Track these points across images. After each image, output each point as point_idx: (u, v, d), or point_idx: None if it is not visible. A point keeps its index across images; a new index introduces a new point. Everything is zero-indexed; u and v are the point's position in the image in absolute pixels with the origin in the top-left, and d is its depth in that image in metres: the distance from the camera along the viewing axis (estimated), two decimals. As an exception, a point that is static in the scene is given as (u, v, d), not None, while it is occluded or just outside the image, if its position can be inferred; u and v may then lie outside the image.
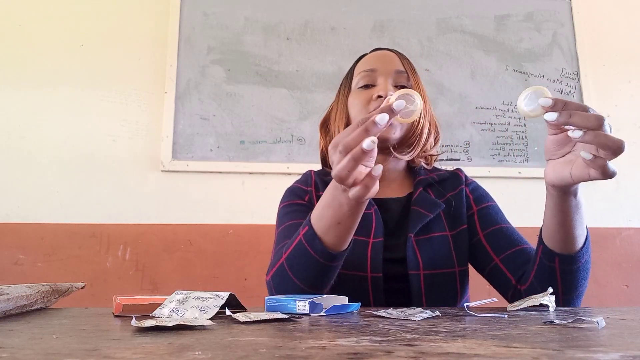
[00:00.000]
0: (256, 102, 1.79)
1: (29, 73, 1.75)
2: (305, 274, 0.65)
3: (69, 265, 1.60)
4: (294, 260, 0.66)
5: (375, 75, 0.86)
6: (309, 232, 0.63)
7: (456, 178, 0.92)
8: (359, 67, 0.91)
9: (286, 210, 0.87)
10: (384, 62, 0.88)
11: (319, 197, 0.87)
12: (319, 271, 0.64)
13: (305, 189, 0.90)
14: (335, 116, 0.92)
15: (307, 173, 0.95)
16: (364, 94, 0.86)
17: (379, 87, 0.84)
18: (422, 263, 0.79)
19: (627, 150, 0.50)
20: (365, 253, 0.78)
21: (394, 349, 0.28)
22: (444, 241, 0.82)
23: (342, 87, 0.93)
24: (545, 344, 0.30)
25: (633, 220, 1.89)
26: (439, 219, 0.84)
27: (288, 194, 0.91)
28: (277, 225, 0.86)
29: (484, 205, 0.89)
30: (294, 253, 0.66)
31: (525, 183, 1.86)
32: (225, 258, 1.65)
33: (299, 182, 0.93)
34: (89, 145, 1.71)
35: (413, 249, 0.80)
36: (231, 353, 0.27)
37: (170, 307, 0.47)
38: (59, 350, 0.29)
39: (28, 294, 0.53)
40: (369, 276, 0.77)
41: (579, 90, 1.97)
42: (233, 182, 1.73)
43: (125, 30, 1.81)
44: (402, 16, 1.94)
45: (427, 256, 0.80)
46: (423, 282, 0.78)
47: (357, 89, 0.88)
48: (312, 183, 0.91)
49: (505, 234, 0.84)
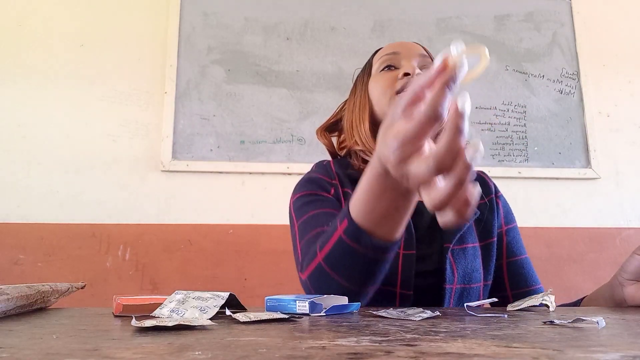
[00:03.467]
0: (256, 102, 1.79)
1: (29, 73, 1.75)
2: (353, 273, 0.57)
3: (69, 265, 1.60)
4: (336, 260, 0.58)
5: (398, 57, 0.81)
6: (350, 228, 0.54)
7: (485, 184, 0.86)
8: (378, 54, 0.85)
9: (307, 200, 0.78)
10: (407, 46, 0.83)
11: (345, 193, 0.80)
12: (370, 268, 0.56)
13: (329, 181, 0.81)
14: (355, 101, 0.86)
15: (325, 163, 0.86)
16: (387, 75, 0.80)
17: (405, 67, 0.79)
18: (457, 277, 0.74)
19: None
20: (396, 266, 0.70)
21: (394, 349, 0.28)
22: (475, 253, 0.78)
23: (360, 76, 0.88)
24: (545, 344, 0.30)
25: (633, 220, 1.89)
26: (471, 228, 0.79)
27: (307, 184, 0.82)
28: (297, 215, 0.77)
29: (512, 226, 0.86)
30: (335, 253, 0.57)
31: (525, 183, 1.86)
32: (225, 258, 1.65)
33: (318, 172, 0.84)
34: (89, 145, 1.71)
35: (449, 261, 0.74)
36: (231, 353, 0.27)
37: (170, 307, 0.47)
38: (59, 350, 0.29)
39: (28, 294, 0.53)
40: (398, 292, 0.71)
41: (579, 90, 1.97)
42: (233, 182, 1.73)
43: (125, 30, 1.82)
44: (402, 16, 1.94)
45: (462, 269, 0.75)
46: (453, 295, 0.74)
47: (379, 72, 0.82)
48: (335, 175, 0.83)
49: (525, 268, 0.83)
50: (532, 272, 0.83)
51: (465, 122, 0.37)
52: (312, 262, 0.61)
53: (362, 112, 0.83)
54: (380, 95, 0.81)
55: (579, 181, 1.90)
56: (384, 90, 0.80)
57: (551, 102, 1.95)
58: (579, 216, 1.87)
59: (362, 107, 0.83)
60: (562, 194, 1.88)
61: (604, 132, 1.94)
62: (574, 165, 1.90)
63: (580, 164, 1.91)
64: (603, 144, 1.93)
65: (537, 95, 1.95)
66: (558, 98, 1.95)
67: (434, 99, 0.37)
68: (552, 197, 1.87)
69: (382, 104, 0.81)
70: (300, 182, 0.83)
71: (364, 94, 0.84)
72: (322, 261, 0.59)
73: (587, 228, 1.83)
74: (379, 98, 0.81)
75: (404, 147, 0.39)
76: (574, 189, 1.89)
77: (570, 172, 1.89)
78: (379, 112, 0.82)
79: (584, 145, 1.92)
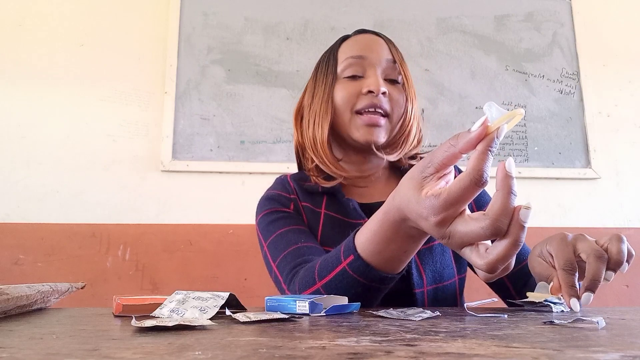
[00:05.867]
0: (256, 102, 1.79)
1: (29, 73, 1.74)
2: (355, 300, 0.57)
3: (69, 265, 1.60)
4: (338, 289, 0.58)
5: (364, 64, 0.80)
6: (357, 264, 0.55)
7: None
8: (344, 51, 0.83)
9: (270, 219, 0.79)
10: (373, 49, 0.81)
11: (304, 207, 0.81)
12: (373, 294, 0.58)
13: (287, 197, 0.83)
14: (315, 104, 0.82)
15: (283, 179, 0.87)
16: (352, 86, 0.79)
17: (370, 80, 0.78)
18: (426, 279, 0.74)
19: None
20: None
21: (394, 349, 0.28)
22: (444, 249, 0.78)
23: (323, 70, 0.84)
24: (545, 344, 0.30)
25: (633, 220, 1.89)
26: None
27: (266, 202, 0.83)
28: (264, 236, 0.78)
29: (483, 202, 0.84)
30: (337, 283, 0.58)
31: (525, 183, 1.86)
32: (225, 258, 1.65)
33: (276, 188, 0.85)
34: (89, 145, 1.71)
35: (416, 264, 0.74)
36: (231, 353, 0.27)
37: (170, 307, 0.47)
38: (59, 350, 0.29)
39: (28, 294, 0.53)
40: None
41: (579, 90, 1.97)
42: (233, 182, 1.73)
43: (125, 30, 1.82)
44: (402, 16, 1.94)
45: (430, 270, 0.75)
46: (426, 297, 0.74)
47: (344, 79, 0.81)
48: (293, 190, 0.83)
49: None
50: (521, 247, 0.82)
51: (515, 184, 0.38)
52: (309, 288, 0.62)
53: (323, 116, 0.80)
54: (342, 109, 0.80)
55: (579, 181, 1.90)
56: (346, 105, 0.79)
57: (551, 102, 1.95)
58: (579, 216, 1.87)
59: (324, 111, 0.81)
60: (562, 194, 1.88)
61: (604, 132, 1.94)
62: (574, 165, 1.90)
63: (580, 164, 1.91)
64: (603, 144, 1.93)
65: (537, 95, 1.95)
66: (558, 98, 1.95)
67: (479, 164, 0.38)
68: (552, 197, 1.87)
69: (342, 120, 0.80)
70: (261, 201, 0.84)
71: (326, 97, 0.81)
72: (322, 289, 0.60)
73: (587, 228, 1.83)
74: (341, 112, 0.80)
75: (449, 209, 0.40)
76: (574, 189, 1.89)
77: (570, 172, 1.89)
78: (338, 123, 0.81)
79: (584, 145, 1.92)
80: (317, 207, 0.81)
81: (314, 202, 0.82)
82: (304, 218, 0.81)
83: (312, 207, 0.81)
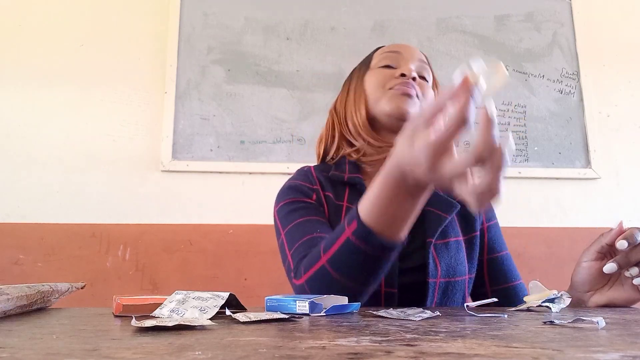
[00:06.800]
0: (256, 102, 1.79)
1: (28, 73, 1.74)
2: (359, 273, 0.58)
3: (69, 265, 1.60)
4: (341, 261, 0.59)
5: (398, 57, 0.84)
6: (360, 230, 0.56)
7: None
8: (380, 50, 0.88)
9: (290, 208, 0.79)
10: (409, 49, 0.87)
11: (327, 197, 0.81)
12: (375, 266, 0.58)
13: (310, 187, 0.83)
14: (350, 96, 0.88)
15: (306, 169, 0.88)
16: (385, 72, 0.83)
17: (403, 67, 0.82)
18: (441, 271, 0.75)
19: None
20: None
21: (394, 349, 0.28)
22: (459, 247, 0.79)
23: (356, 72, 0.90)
24: (545, 344, 0.31)
25: (633, 220, 1.89)
26: (453, 222, 0.81)
27: (289, 191, 0.83)
28: (283, 225, 0.79)
29: (493, 223, 0.87)
30: (341, 254, 0.58)
31: (525, 183, 1.86)
32: (225, 258, 1.65)
33: (298, 179, 0.85)
34: (89, 145, 1.71)
35: (432, 257, 0.75)
36: (231, 353, 0.27)
37: (170, 307, 0.47)
38: (59, 350, 0.29)
39: (28, 294, 0.53)
40: (382, 291, 0.71)
41: (579, 90, 1.97)
42: (233, 182, 1.73)
43: (125, 30, 1.82)
44: (402, 16, 1.94)
45: (445, 263, 0.76)
46: (437, 289, 0.75)
47: (378, 68, 0.85)
48: (316, 180, 0.84)
49: (505, 264, 0.84)
50: (512, 268, 0.85)
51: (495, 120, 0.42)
52: (314, 265, 0.62)
53: (358, 102, 0.85)
54: (374, 89, 0.83)
55: (579, 181, 1.89)
56: (378, 85, 0.83)
57: (551, 102, 1.95)
58: (579, 216, 1.87)
59: (358, 97, 0.86)
60: (562, 194, 1.88)
61: (604, 132, 1.94)
62: (574, 165, 1.90)
63: (580, 164, 1.90)
64: (603, 144, 1.93)
65: (537, 95, 1.95)
66: (558, 98, 1.95)
67: (462, 106, 0.42)
68: (552, 197, 1.87)
69: (374, 98, 0.84)
70: (283, 190, 0.85)
71: (360, 85, 0.86)
72: (326, 263, 0.60)
73: (587, 228, 1.83)
74: (373, 92, 0.84)
75: (437, 152, 0.43)
76: (574, 189, 1.89)
77: (570, 172, 1.89)
78: (371, 105, 0.85)
79: (584, 145, 1.92)
80: (339, 200, 0.82)
81: (337, 195, 0.82)
82: (325, 209, 0.81)
83: (335, 200, 0.82)
